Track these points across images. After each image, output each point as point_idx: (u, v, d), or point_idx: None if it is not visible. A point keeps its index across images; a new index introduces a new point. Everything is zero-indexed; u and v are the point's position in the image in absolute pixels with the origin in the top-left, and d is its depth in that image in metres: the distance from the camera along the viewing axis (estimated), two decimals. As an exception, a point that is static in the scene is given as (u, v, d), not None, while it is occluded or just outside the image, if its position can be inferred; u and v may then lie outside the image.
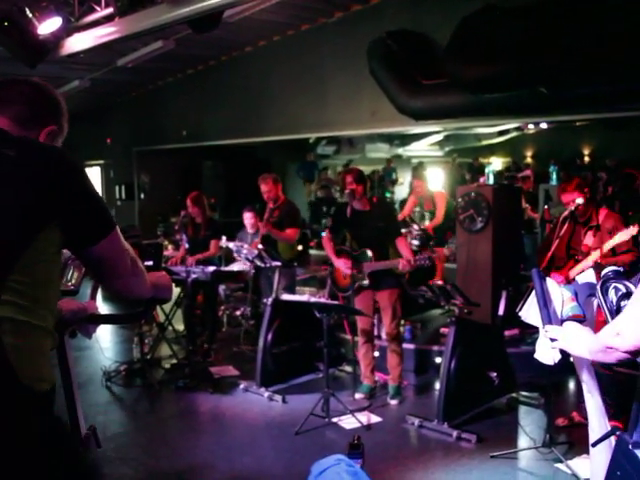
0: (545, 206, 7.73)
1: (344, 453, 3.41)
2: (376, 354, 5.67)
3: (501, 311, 4.96)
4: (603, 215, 4.66)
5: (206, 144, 11.40)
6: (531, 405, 5.18)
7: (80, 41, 6.34)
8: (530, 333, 6.00)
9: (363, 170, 6.05)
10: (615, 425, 2.38)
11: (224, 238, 7.34)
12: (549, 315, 2.19)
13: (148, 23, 5.64)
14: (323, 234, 6.08)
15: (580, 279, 2.41)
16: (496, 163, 17.49)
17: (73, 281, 2.12)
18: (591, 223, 4.66)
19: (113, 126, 13.44)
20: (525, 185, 9.55)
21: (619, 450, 1.94)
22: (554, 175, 9.50)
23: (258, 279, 6.97)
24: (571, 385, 5.56)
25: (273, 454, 4.49)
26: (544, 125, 13.80)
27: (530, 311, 2.40)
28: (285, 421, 4.94)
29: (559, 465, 4.02)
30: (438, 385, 5.08)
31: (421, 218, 8.61)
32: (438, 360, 5.85)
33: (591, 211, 4.67)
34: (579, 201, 4.56)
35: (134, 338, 6.36)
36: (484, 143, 16.27)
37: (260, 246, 6.18)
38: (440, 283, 4.95)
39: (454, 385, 4.69)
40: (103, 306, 7.26)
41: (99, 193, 1.77)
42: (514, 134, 16.10)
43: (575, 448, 4.23)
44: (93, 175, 13.67)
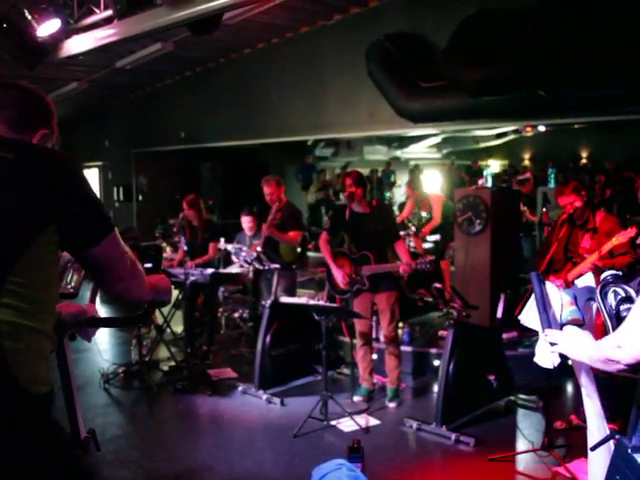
0: (543, 209, 7.74)
1: (344, 456, 3.41)
2: (374, 357, 5.66)
3: (499, 314, 4.95)
4: (600, 218, 4.68)
5: (204, 146, 11.39)
6: (529, 408, 5.18)
7: (79, 43, 6.34)
8: (528, 336, 6.01)
9: (361, 172, 6.05)
10: (614, 429, 2.38)
11: (222, 240, 7.34)
12: (549, 319, 2.19)
13: (147, 26, 5.64)
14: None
15: (579, 283, 2.42)
16: (494, 166, 17.53)
17: (73, 284, 2.12)
18: (588, 226, 4.67)
19: (111, 128, 13.44)
20: (525, 188, 9.53)
21: (618, 454, 1.94)
22: (552, 178, 9.52)
23: (258, 281, 6.96)
24: (569, 388, 5.56)
25: (272, 457, 4.48)
26: (542, 128, 13.85)
27: (529, 315, 2.40)
28: (284, 424, 4.93)
29: (557, 468, 4.02)
30: (436, 388, 5.08)
31: (419, 220, 8.62)
32: (436, 363, 5.86)
33: (588, 214, 4.69)
34: (579, 205, 4.58)
35: (132, 340, 6.34)
36: (482, 145, 16.31)
37: (259, 248, 6.17)
38: (439, 286, 4.95)
39: (452, 388, 4.69)
40: (102, 308, 7.24)
41: (97, 195, 1.78)
42: (512, 137, 16.16)
43: (573, 451, 4.22)
44: (91, 177, 13.66)
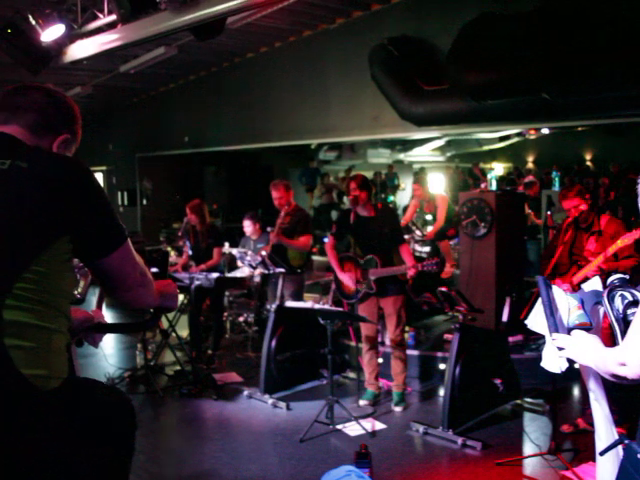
0: (548, 212, 7.71)
1: (351, 462, 3.40)
2: (380, 360, 5.66)
3: (505, 317, 4.94)
4: (605, 221, 4.67)
5: (208, 150, 11.42)
6: (536, 412, 5.16)
7: (83, 48, 6.37)
8: (534, 339, 5.99)
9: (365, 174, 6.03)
10: (622, 433, 2.37)
11: (227, 244, 7.35)
12: (556, 323, 2.18)
13: (151, 30, 5.66)
14: (325, 240, 6.06)
15: (586, 287, 2.41)
16: (498, 168, 17.53)
17: (79, 290, 2.12)
18: (593, 229, 4.67)
19: (115, 132, 13.48)
20: (531, 191, 9.43)
21: (627, 459, 1.93)
22: (557, 181, 9.49)
23: (265, 285, 6.92)
24: (576, 391, 5.54)
25: (278, 461, 4.47)
26: (546, 131, 13.84)
27: (537, 319, 2.39)
28: (289, 428, 4.92)
29: (565, 472, 4.00)
30: (442, 392, 5.06)
31: (423, 223, 8.60)
32: (442, 366, 5.85)
33: (593, 217, 4.69)
34: (583, 208, 4.58)
35: (138, 345, 6.35)
36: (485, 148, 16.32)
37: (263, 252, 6.16)
38: (444, 289, 4.94)
39: (458, 392, 4.67)
40: (108, 313, 7.23)
41: (111, 203, 1.75)
42: (516, 139, 16.15)
43: (581, 455, 4.21)
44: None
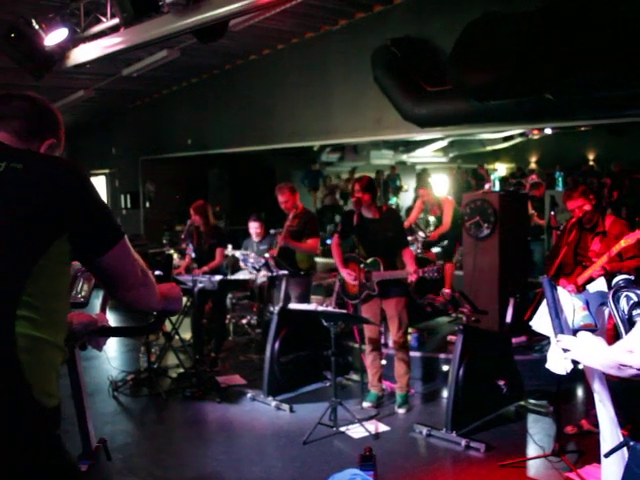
0: (551, 212, 7.69)
1: (355, 464, 3.39)
2: (383, 362, 5.65)
3: (509, 318, 4.94)
4: (609, 221, 4.67)
5: (211, 152, 11.42)
6: (540, 413, 5.15)
7: (86, 52, 6.38)
8: (538, 340, 5.98)
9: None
10: (627, 435, 2.37)
11: (230, 247, 7.34)
12: (561, 325, 2.18)
13: (154, 33, 5.67)
14: (328, 241, 6.05)
15: (591, 288, 2.40)
16: (501, 169, 17.51)
17: (83, 293, 2.12)
18: (598, 229, 4.66)
19: (118, 135, 13.50)
20: (537, 192, 9.32)
21: (633, 461, 1.93)
22: (560, 181, 9.44)
23: (271, 288, 6.89)
24: (580, 393, 5.52)
25: (281, 464, 4.46)
26: (549, 131, 13.83)
27: (541, 321, 2.38)
28: (293, 430, 4.92)
29: (569, 474, 3.99)
30: (446, 393, 5.06)
31: (426, 224, 8.60)
32: (445, 368, 5.84)
33: (597, 217, 4.68)
34: (587, 209, 4.57)
35: (141, 347, 6.35)
36: (488, 149, 16.30)
37: (267, 255, 6.16)
38: (448, 291, 4.93)
39: (462, 393, 4.66)
40: (111, 317, 7.21)
41: (105, 202, 1.78)
42: (519, 140, 16.14)
43: (585, 456, 4.19)
44: (98, 184, 13.69)
